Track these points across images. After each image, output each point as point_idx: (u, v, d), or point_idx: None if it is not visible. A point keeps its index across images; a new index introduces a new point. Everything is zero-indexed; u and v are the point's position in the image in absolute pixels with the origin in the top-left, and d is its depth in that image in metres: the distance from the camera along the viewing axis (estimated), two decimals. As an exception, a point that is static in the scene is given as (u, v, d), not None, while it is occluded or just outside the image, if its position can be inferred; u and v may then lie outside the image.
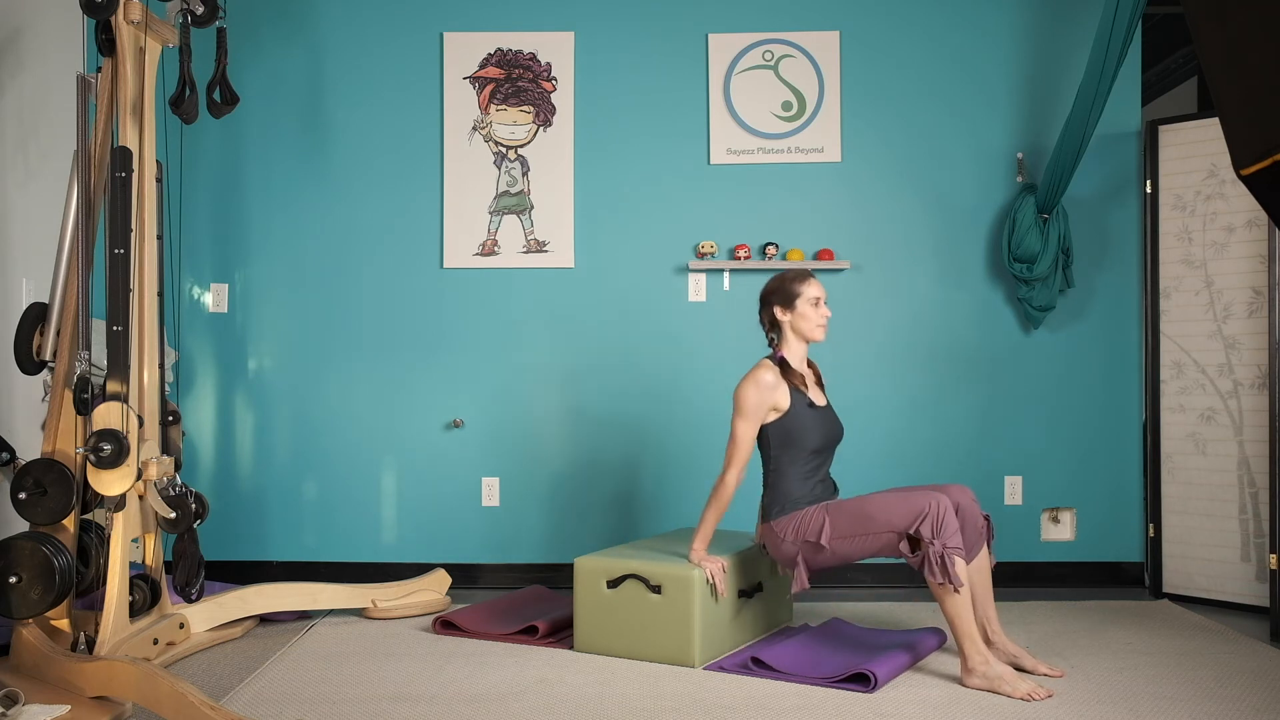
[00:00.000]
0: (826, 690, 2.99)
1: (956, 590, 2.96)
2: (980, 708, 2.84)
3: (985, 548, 3.25)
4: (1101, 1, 3.97)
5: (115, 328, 3.08)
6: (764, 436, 3.36)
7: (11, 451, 3.46)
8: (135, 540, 3.38)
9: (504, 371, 4.47)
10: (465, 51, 4.48)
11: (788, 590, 3.74)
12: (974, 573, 3.18)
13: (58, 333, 3.24)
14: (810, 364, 3.50)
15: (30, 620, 3.05)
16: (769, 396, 3.29)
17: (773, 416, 3.32)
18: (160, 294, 3.40)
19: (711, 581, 3.28)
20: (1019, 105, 4.44)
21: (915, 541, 3.05)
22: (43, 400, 3.85)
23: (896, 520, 3.07)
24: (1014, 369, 4.43)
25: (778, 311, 3.39)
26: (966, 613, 2.99)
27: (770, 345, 3.46)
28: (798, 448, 3.30)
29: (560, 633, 3.56)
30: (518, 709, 2.84)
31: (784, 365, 3.35)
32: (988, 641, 3.17)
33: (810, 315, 3.35)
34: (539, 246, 4.46)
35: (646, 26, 4.48)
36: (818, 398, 3.41)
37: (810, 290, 3.36)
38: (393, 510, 4.47)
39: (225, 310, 4.50)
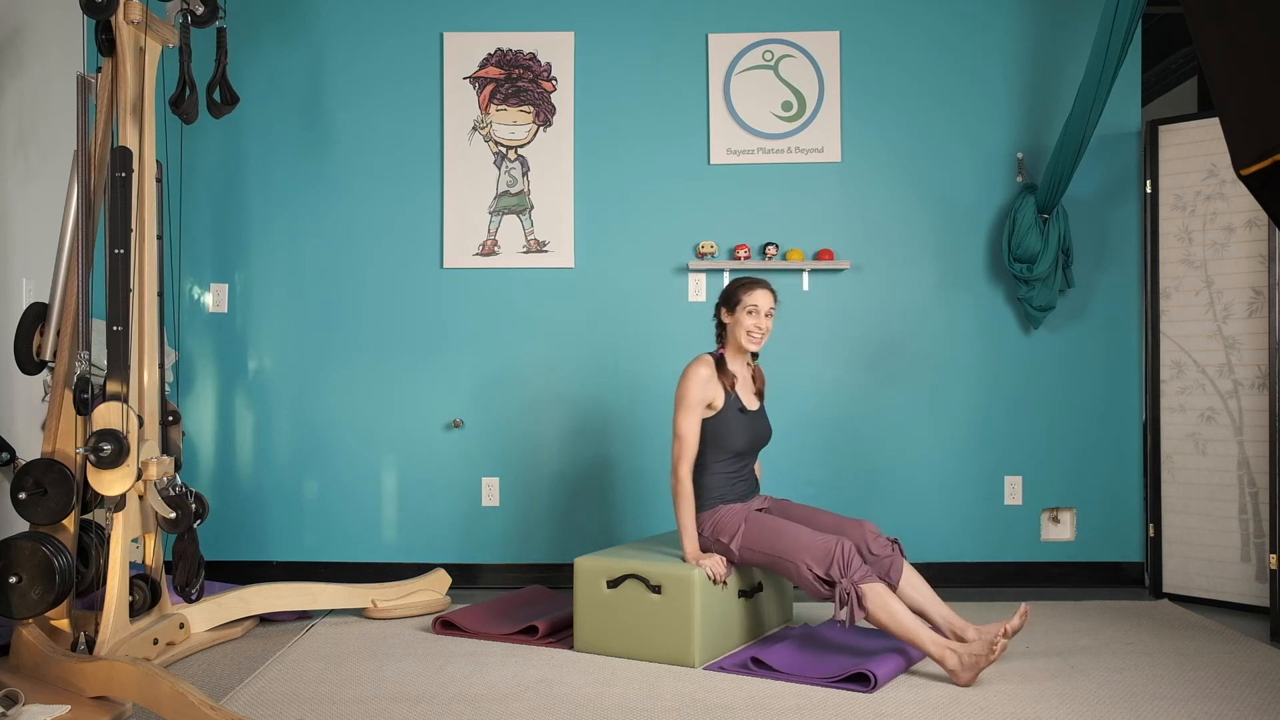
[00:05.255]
0: (826, 690, 2.99)
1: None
2: (980, 708, 2.84)
3: (905, 565, 3.30)
4: (1101, 1, 3.97)
5: (115, 328, 3.08)
6: None
7: (11, 451, 3.46)
8: (135, 540, 3.38)
9: (504, 371, 4.46)
10: (465, 51, 4.48)
11: (788, 591, 3.74)
12: (909, 590, 3.25)
13: (58, 333, 3.24)
14: (756, 369, 3.59)
15: (30, 620, 3.05)
16: (705, 390, 3.38)
17: (707, 413, 3.40)
18: (160, 294, 3.40)
19: (714, 576, 3.30)
20: (1019, 105, 4.44)
21: (830, 582, 3.13)
22: (43, 400, 3.85)
23: (807, 558, 3.14)
24: (1014, 369, 4.42)
25: (723, 313, 3.50)
26: (910, 627, 3.06)
27: (717, 342, 3.54)
28: (721, 448, 3.41)
29: (560, 633, 3.56)
30: (518, 709, 2.84)
31: (720, 363, 3.43)
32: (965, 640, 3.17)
33: (743, 321, 3.42)
34: (539, 246, 4.46)
35: (646, 26, 4.48)
36: (750, 401, 3.49)
37: (751, 299, 3.42)
38: (393, 510, 4.47)
39: (225, 310, 4.50)
